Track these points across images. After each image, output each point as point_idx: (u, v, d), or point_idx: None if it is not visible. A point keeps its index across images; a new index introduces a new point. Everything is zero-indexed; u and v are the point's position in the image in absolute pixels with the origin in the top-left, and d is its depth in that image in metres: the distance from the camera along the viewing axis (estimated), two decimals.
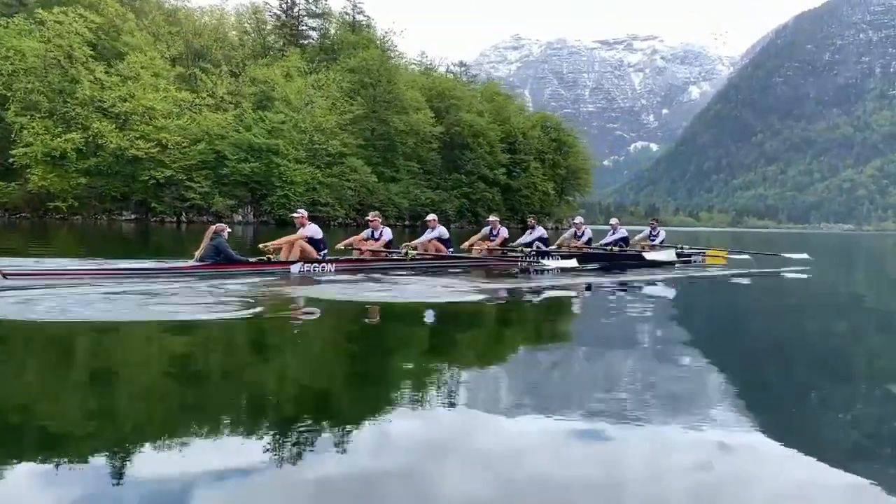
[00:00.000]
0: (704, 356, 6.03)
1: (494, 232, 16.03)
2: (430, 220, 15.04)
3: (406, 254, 13.79)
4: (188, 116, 53.81)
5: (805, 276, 15.41)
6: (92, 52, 51.60)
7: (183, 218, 53.73)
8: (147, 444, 3.27)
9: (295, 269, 11.90)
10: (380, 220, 14.09)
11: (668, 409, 4.13)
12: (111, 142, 49.62)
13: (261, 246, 12.18)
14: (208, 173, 54.10)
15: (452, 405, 4.12)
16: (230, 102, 58.68)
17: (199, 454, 3.15)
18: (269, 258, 11.99)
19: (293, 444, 3.29)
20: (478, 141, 72.81)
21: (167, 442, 3.33)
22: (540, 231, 16.89)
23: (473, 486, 2.90)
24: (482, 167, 73.27)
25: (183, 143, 52.54)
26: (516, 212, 76.74)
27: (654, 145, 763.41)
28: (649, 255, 16.19)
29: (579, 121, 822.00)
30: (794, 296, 12.55)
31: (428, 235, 14.68)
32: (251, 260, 11.85)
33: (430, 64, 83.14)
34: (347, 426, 3.60)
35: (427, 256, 14.22)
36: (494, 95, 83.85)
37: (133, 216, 53.73)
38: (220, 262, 11.16)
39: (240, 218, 56.24)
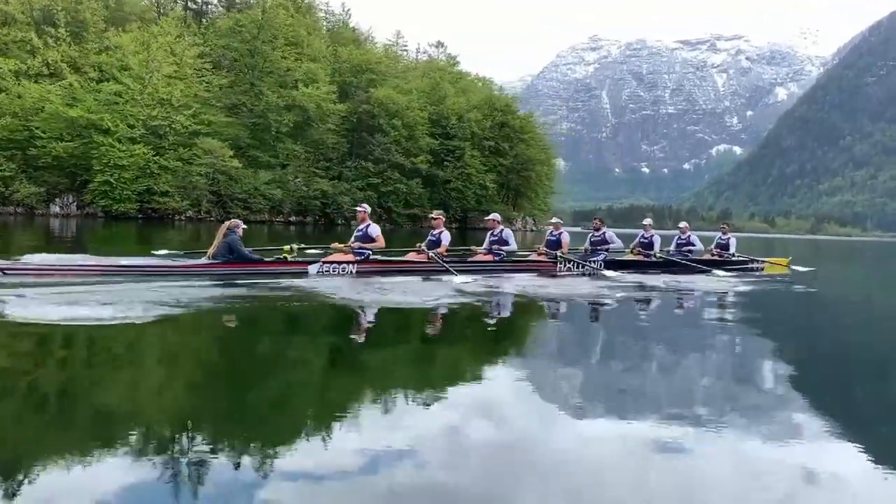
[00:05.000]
0: (781, 365, 5.89)
1: (555, 234, 14.98)
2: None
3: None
4: None
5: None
6: None
7: None
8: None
9: (313, 269, 10.91)
10: (442, 220, 13.48)
11: (746, 421, 3.98)
12: None
13: (333, 246, 11.58)
14: (13, 154, 44.71)
15: (523, 409, 4.03)
16: (80, 72, 49.54)
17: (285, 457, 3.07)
18: (285, 257, 10.95)
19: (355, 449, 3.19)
20: (392, 122, 60.23)
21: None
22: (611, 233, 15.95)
23: (544, 497, 2.79)
24: (395, 153, 60.45)
25: None
26: (447, 208, 64.07)
27: (737, 148, 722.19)
28: (716, 271, 15.23)
29: (658, 123, 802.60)
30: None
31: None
32: (266, 260, 10.91)
33: (363, 32, 71.15)
34: (424, 426, 3.51)
35: (480, 261, 13.24)
36: (432, 71, 70.67)
37: None
38: (233, 260, 10.28)
39: (58, 209, 46.62)
